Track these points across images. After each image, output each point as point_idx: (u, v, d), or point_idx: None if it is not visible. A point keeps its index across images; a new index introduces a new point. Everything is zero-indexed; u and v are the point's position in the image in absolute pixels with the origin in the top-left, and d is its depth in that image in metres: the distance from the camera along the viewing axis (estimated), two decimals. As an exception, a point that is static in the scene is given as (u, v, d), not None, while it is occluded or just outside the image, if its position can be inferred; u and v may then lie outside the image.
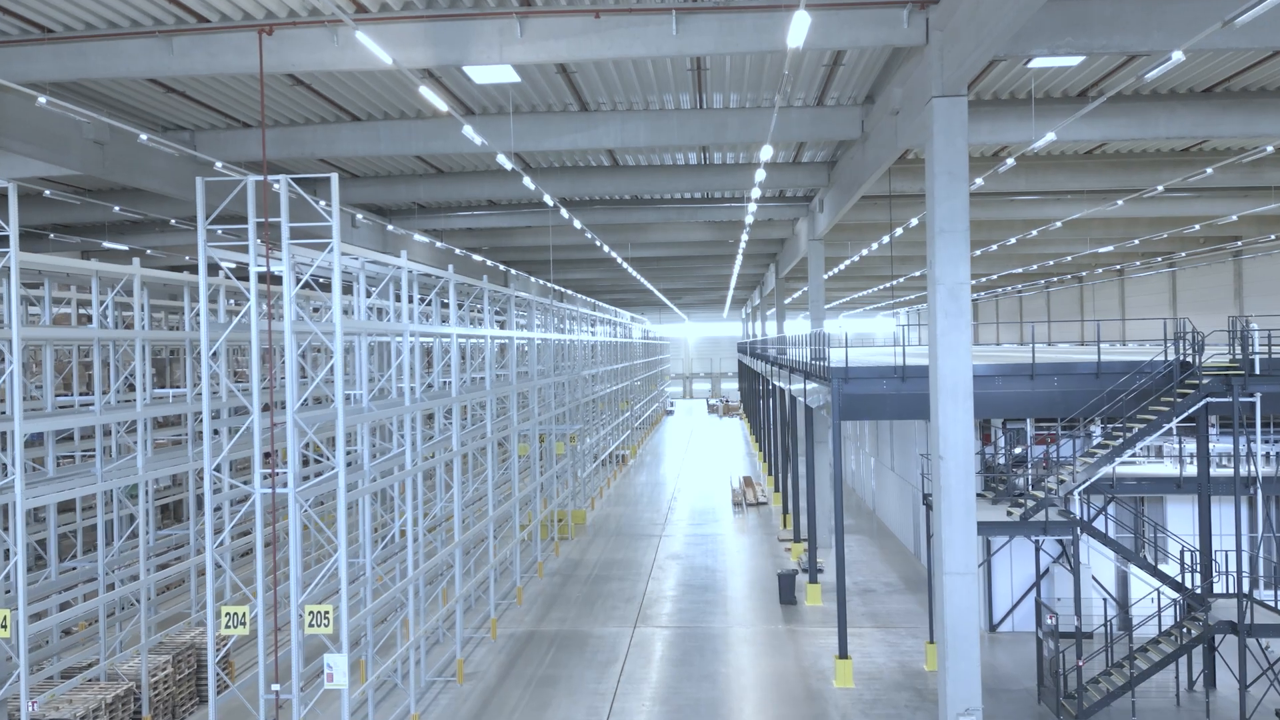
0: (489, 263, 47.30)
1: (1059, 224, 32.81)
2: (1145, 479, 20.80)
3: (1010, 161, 20.58)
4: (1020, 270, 58.26)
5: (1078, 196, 31.56)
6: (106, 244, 33.26)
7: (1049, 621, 18.35)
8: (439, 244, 38.04)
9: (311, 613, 14.41)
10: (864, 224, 35.53)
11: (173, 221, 31.35)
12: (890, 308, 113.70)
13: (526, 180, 22.98)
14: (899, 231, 32.21)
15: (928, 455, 23.00)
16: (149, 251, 37.33)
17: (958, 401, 15.04)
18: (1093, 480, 18.83)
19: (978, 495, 17.86)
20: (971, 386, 15.06)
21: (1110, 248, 43.00)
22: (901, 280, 64.71)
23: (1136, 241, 41.29)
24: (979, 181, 22.59)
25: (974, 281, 65.13)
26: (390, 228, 33.27)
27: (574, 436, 38.73)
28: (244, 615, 14.47)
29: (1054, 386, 19.89)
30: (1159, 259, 52.63)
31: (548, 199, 25.97)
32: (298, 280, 15.32)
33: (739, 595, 27.50)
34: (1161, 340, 19.89)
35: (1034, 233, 36.50)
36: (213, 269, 18.08)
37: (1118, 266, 58.93)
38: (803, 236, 35.93)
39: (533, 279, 57.71)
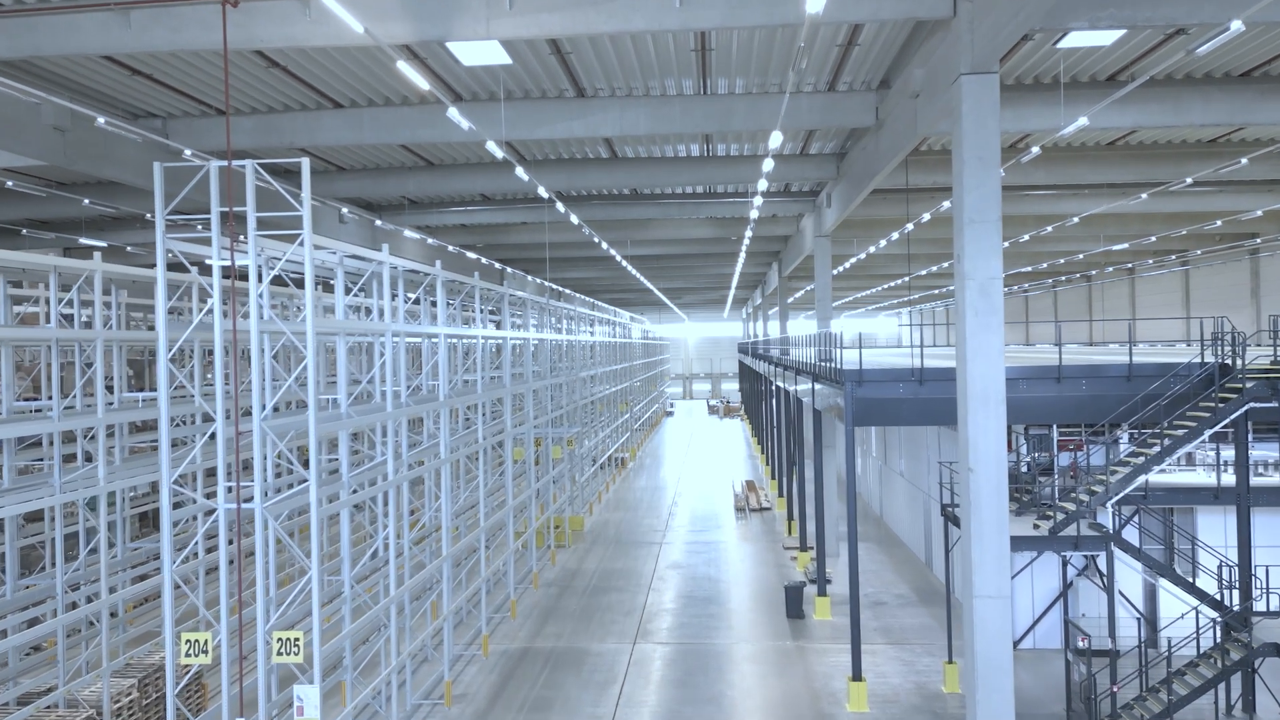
0: (484, 260, 46.01)
1: (1075, 219, 31.53)
2: (1179, 489, 19.53)
3: (1035, 150, 19.31)
4: (1029, 269, 56.93)
5: (1097, 190, 30.28)
6: (83, 240, 31.91)
7: (1081, 643, 17.09)
8: (431, 240, 36.69)
9: (280, 640, 13.15)
10: (872, 220, 34.26)
11: (148, 215, 30.03)
12: (895, 307, 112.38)
13: (520, 171, 21.67)
14: (909, 227, 30.92)
15: (948, 464, 21.77)
16: (129, 248, 35.99)
17: (989, 408, 13.74)
18: (1127, 491, 17.58)
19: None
20: (1004, 392, 13.77)
21: (1124, 245, 41.70)
22: (907, 279, 63.43)
23: (1153, 239, 40.00)
24: (1000, 172, 21.28)
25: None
26: (379, 223, 31.93)
27: (571, 440, 37.42)
28: (206, 643, 13.20)
29: (1082, 390, 18.62)
30: (1172, 257, 51.35)
31: (542, 191, 24.71)
32: (268, 275, 14.07)
33: (743, 608, 26.21)
34: (1175, 341, 18.63)
35: (1049, 229, 35.22)
36: (186, 265, 16.80)
37: (1129, 265, 57.64)
38: (808, 233, 34.64)
39: (529, 277, 56.41)
